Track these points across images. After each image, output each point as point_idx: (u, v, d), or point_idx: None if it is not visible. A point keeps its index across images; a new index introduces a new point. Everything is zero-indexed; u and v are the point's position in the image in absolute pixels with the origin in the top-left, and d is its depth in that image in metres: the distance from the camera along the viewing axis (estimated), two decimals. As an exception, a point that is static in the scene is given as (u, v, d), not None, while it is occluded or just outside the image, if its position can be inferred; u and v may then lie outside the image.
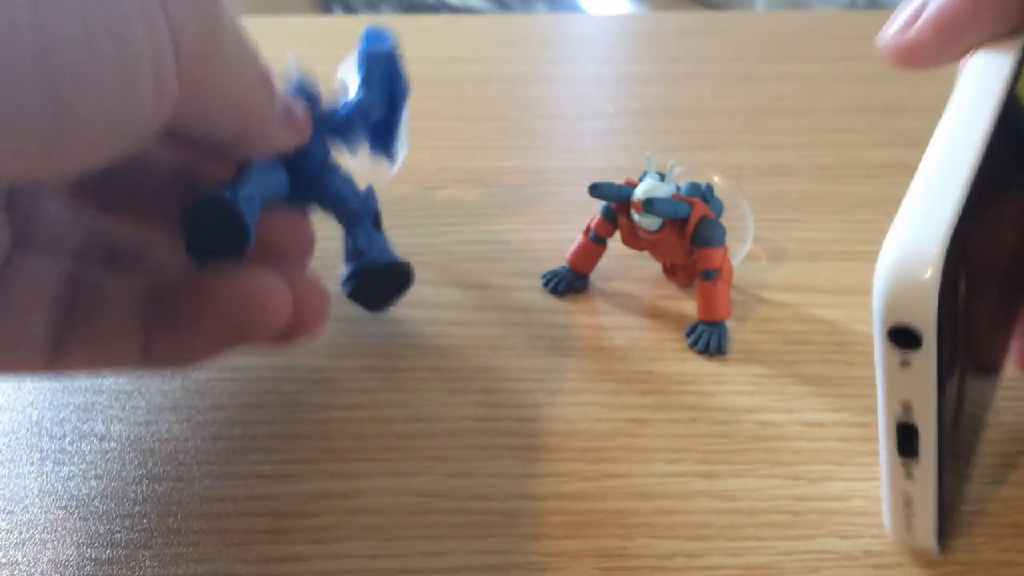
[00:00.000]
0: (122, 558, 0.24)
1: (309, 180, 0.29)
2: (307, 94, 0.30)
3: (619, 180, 0.33)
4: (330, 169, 0.30)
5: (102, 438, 0.28)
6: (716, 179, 0.36)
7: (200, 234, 0.25)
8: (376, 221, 0.31)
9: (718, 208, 0.34)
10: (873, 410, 0.29)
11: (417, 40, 0.68)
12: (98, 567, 0.24)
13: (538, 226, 0.40)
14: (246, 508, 0.26)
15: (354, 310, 0.34)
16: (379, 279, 0.31)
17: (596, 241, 0.35)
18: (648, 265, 0.37)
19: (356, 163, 0.32)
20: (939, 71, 0.28)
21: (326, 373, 0.31)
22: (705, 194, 0.34)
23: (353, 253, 0.30)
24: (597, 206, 0.34)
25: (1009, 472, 0.27)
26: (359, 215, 0.30)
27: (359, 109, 0.30)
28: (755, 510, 0.25)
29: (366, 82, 0.31)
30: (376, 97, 0.31)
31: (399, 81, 0.32)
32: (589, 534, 0.25)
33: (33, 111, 0.16)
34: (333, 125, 0.30)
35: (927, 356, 0.19)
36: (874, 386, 0.30)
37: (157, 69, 0.18)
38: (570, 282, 0.35)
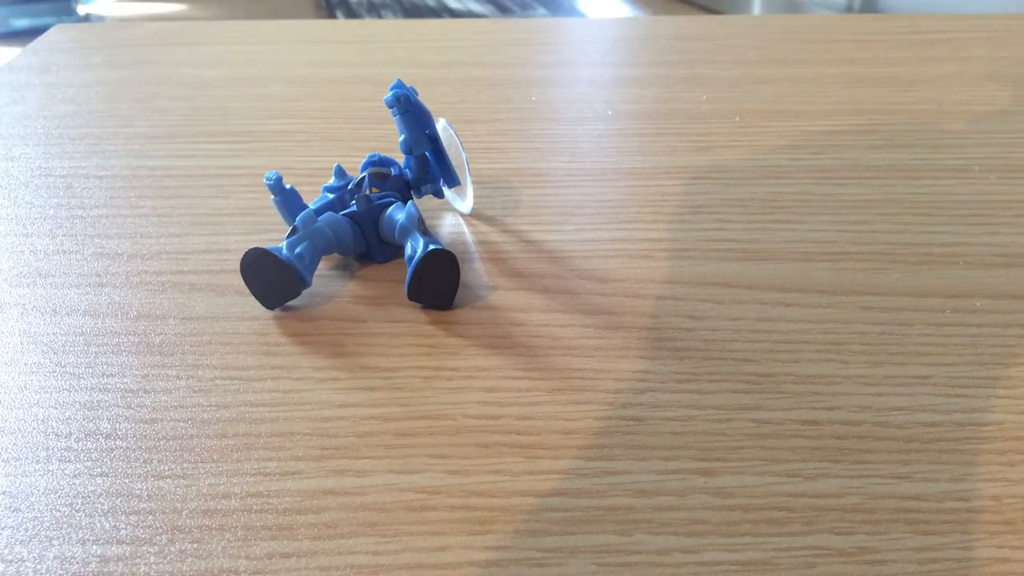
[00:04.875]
0: (127, 554, 0.24)
1: (375, 222, 0.37)
2: (384, 162, 0.40)
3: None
4: (387, 208, 0.37)
5: (108, 436, 0.28)
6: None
7: (257, 278, 0.34)
8: (422, 227, 0.36)
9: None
10: (868, 408, 0.29)
11: (419, 44, 0.68)
12: (103, 563, 0.24)
13: (538, 227, 0.40)
14: (249, 505, 0.26)
15: (357, 310, 0.35)
16: (425, 272, 0.34)
17: None
18: (646, 265, 0.37)
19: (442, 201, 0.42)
20: (934, 76, 0.28)
21: (328, 372, 0.31)
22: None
23: (408, 259, 0.35)
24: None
25: (1003, 470, 0.27)
26: (407, 227, 0.36)
27: (405, 150, 0.38)
28: (751, 506, 0.26)
29: (401, 126, 0.38)
30: (412, 136, 0.38)
31: (425, 118, 0.38)
32: (587, 530, 0.25)
33: None
34: (396, 184, 0.39)
35: None
36: (870, 385, 0.30)
37: None
38: None
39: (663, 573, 0.24)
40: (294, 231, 0.35)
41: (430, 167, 0.39)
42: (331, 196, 0.38)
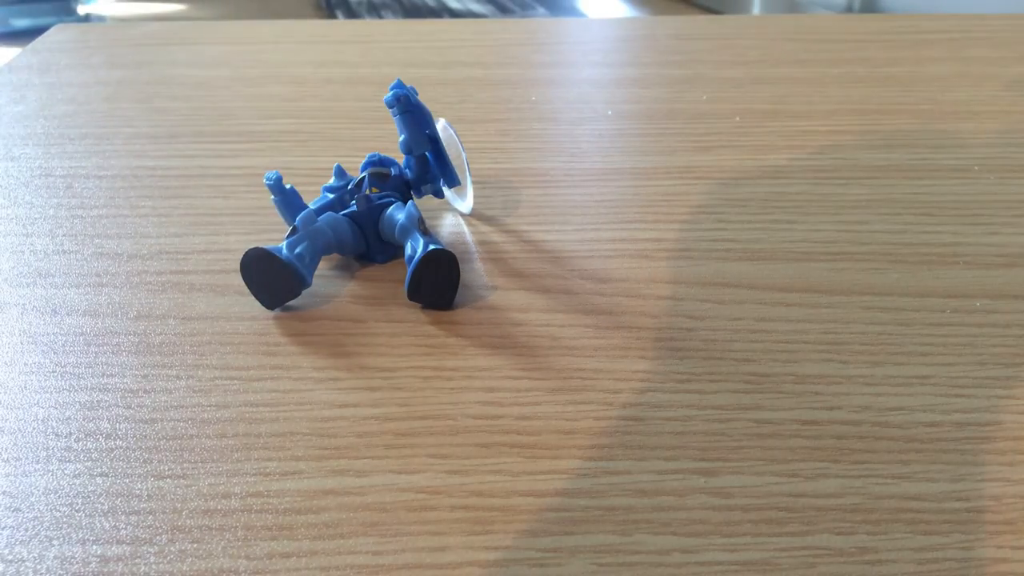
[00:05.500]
0: (127, 554, 0.24)
1: (375, 222, 0.37)
2: (384, 162, 0.39)
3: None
4: (387, 208, 0.37)
5: (108, 436, 0.28)
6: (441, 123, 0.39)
7: (257, 278, 0.34)
8: (422, 227, 0.36)
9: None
10: (868, 408, 0.29)
11: (419, 44, 0.68)
12: (103, 563, 0.24)
13: (538, 227, 0.40)
14: (249, 505, 0.26)
15: (357, 310, 0.35)
16: (425, 272, 0.34)
17: None
18: (646, 265, 0.37)
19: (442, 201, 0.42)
20: (934, 76, 0.28)
21: (328, 372, 0.31)
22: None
23: (408, 259, 0.35)
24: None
25: (1003, 470, 0.27)
26: (407, 227, 0.36)
27: (405, 150, 0.38)
28: (751, 507, 0.26)
29: (401, 126, 0.38)
30: (412, 136, 0.38)
31: (425, 118, 0.38)
32: (587, 530, 0.25)
33: None
34: (396, 184, 0.39)
35: None
36: (870, 385, 0.30)
37: None
38: None
39: (663, 573, 0.24)
40: (294, 231, 0.35)
41: (430, 167, 0.39)
42: (331, 196, 0.38)
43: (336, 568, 0.24)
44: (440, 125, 0.40)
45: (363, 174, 0.38)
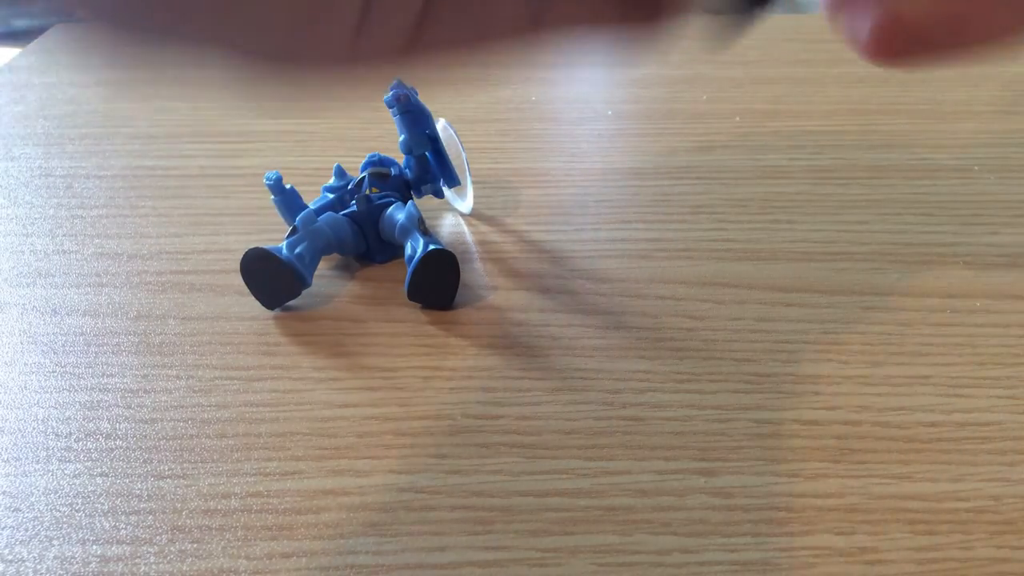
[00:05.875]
0: (127, 554, 0.24)
1: (375, 222, 0.37)
2: (384, 162, 0.39)
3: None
4: (387, 208, 0.37)
5: (108, 436, 0.28)
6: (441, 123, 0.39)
7: (257, 278, 0.34)
8: (422, 227, 0.36)
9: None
10: (868, 408, 0.30)
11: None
12: (103, 563, 0.24)
13: (538, 227, 0.40)
14: (249, 505, 0.26)
15: (357, 310, 0.35)
16: (425, 272, 0.34)
17: None
18: (646, 265, 0.37)
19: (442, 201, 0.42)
20: (934, 76, 0.28)
21: (328, 372, 0.31)
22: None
23: (408, 259, 0.35)
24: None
25: (1003, 470, 0.27)
26: (407, 227, 0.36)
27: (405, 150, 0.38)
28: (751, 507, 0.26)
29: (401, 126, 0.38)
30: (412, 136, 0.38)
31: (425, 118, 0.38)
32: (587, 530, 0.25)
33: None
34: (396, 184, 0.39)
35: None
36: (870, 385, 0.30)
37: None
38: None
39: (663, 573, 0.24)
40: (294, 231, 0.35)
41: (430, 167, 0.39)
42: (331, 196, 0.38)
43: (336, 568, 0.24)
44: (440, 125, 0.40)
45: (363, 174, 0.38)
